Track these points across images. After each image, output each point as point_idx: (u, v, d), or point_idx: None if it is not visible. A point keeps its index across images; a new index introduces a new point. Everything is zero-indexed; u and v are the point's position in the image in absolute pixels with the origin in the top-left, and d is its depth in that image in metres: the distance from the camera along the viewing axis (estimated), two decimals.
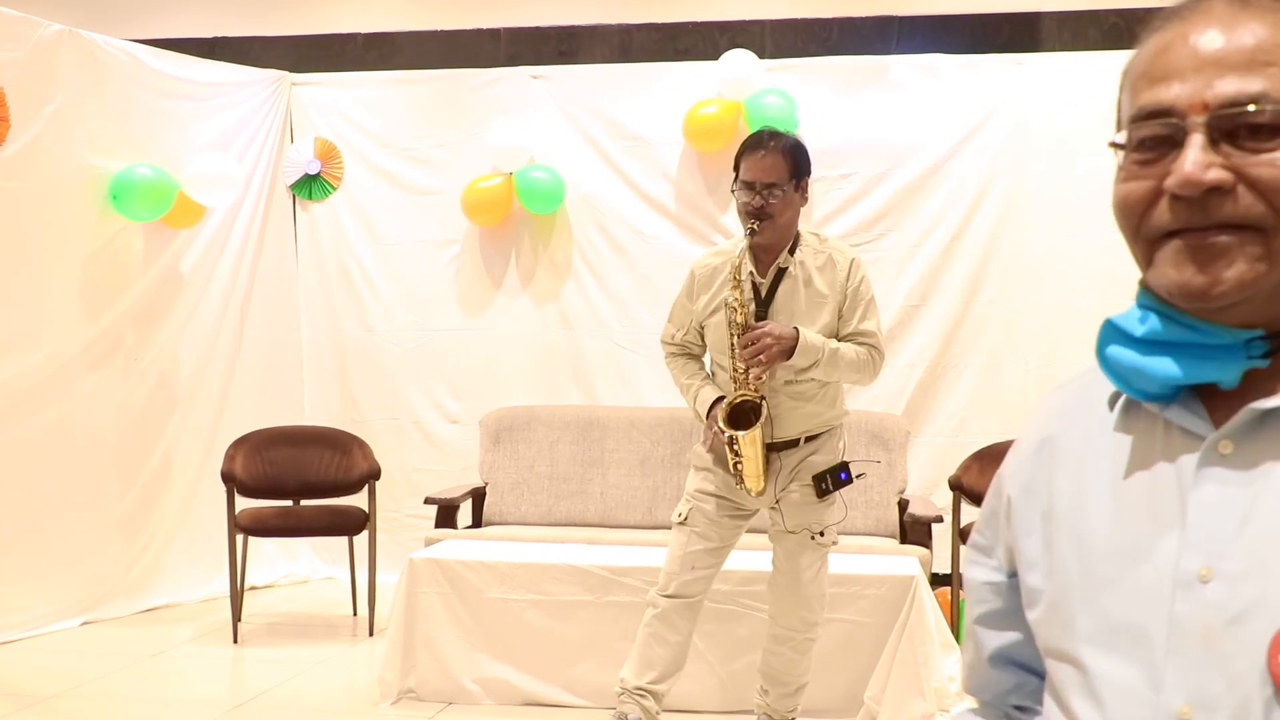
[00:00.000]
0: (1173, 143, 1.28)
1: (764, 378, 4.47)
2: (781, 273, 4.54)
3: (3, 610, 6.39)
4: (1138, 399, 1.37)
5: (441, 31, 8.14)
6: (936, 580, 6.25)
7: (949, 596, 6.25)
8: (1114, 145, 1.37)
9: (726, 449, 4.57)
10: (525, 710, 5.45)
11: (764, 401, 4.50)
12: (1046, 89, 7.31)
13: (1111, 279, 7.16)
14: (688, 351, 4.78)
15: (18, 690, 5.51)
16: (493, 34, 8.09)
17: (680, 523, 4.71)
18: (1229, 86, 1.26)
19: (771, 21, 7.78)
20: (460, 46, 8.12)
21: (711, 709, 5.32)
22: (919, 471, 7.19)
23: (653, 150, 7.69)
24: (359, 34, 8.24)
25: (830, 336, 4.54)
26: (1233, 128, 1.25)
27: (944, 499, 6.69)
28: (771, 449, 4.59)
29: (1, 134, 6.38)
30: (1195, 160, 1.25)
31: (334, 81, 8.10)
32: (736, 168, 4.56)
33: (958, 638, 5.89)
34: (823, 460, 4.63)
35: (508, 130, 7.71)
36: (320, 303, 8.08)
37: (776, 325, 4.42)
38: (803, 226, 4.66)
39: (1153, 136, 1.31)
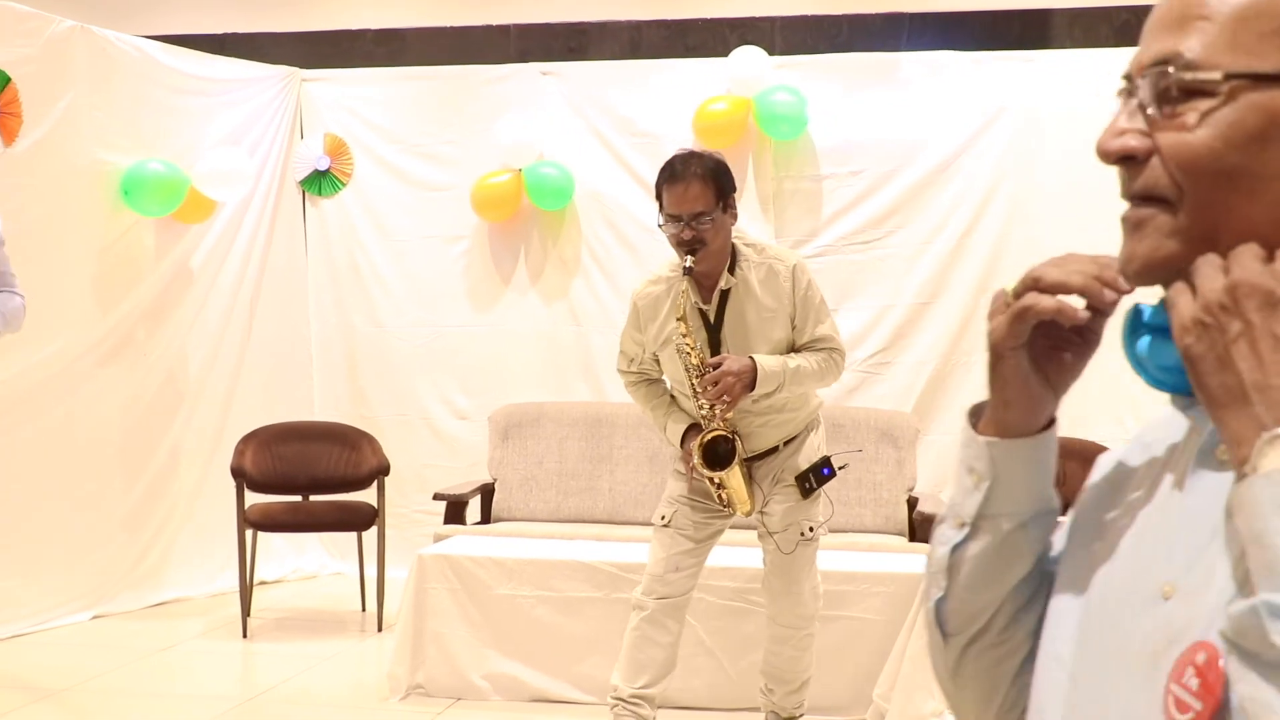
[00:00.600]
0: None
1: (729, 415, 4.51)
2: (725, 295, 4.51)
3: (12, 604, 6.40)
4: (1164, 390, 1.29)
5: (451, 28, 8.15)
6: None
7: None
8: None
9: (709, 485, 4.62)
10: (533, 706, 5.46)
11: (736, 436, 4.55)
12: (1057, 86, 7.30)
13: None
14: (646, 377, 4.80)
15: (28, 684, 5.52)
16: (502, 30, 8.09)
17: (664, 525, 4.71)
18: (1156, 46, 1.20)
19: (781, 18, 7.77)
20: (470, 43, 8.12)
21: (720, 706, 5.32)
22: (928, 469, 7.18)
23: (662, 147, 7.63)
24: (369, 30, 8.24)
25: (787, 348, 4.54)
26: (1162, 91, 1.17)
27: None
28: (750, 462, 4.64)
29: (14, 129, 6.40)
30: (1110, 127, 1.19)
31: (344, 78, 8.11)
32: (659, 198, 4.49)
33: None
34: (803, 460, 4.67)
35: (517, 126, 7.72)
36: (329, 299, 8.08)
37: (733, 360, 4.40)
38: (737, 239, 4.57)
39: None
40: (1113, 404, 7.25)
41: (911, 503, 6.63)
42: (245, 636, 6.53)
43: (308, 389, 8.06)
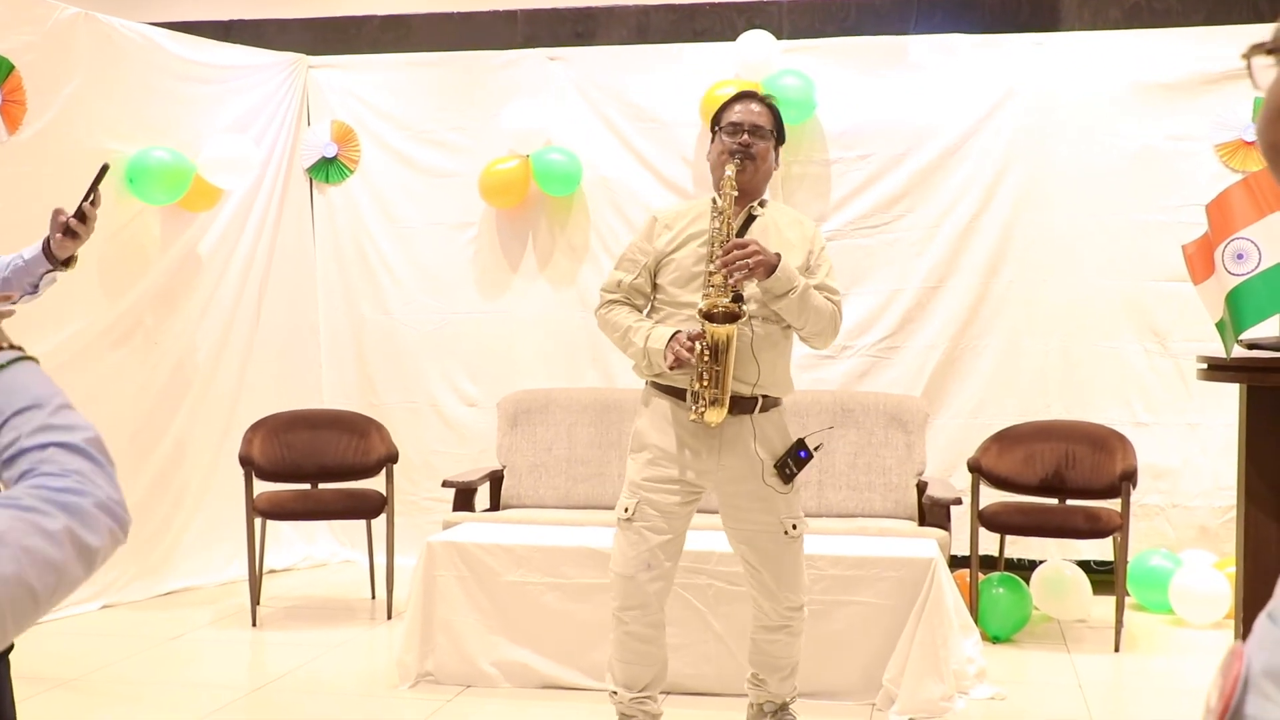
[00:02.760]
0: None
1: (741, 286, 4.38)
2: (751, 219, 4.58)
3: None
4: None
5: (458, 13, 8.14)
6: (955, 562, 6.25)
7: (967, 579, 6.25)
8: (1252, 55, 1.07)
9: (697, 360, 4.36)
10: (543, 693, 5.46)
11: (743, 306, 4.38)
12: (1067, 69, 7.29)
13: (1132, 259, 7.19)
14: (630, 301, 4.64)
15: (38, 673, 5.53)
16: (509, 15, 8.08)
17: (627, 519, 4.50)
18: None
19: (789, 2, 7.76)
20: (476, 28, 8.11)
21: (730, 691, 5.30)
22: (937, 453, 7.19)
23: (670, 132, 7.68)
24: (375, 16, 8.24)
25: None
26: None
27: (963, 481, 6.69)
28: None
29: (18, 117, 6.40)
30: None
31: (350, 64, 8.11)
32: (717, 120, 4.62)
33: (976, 620, 5.90)
34: (778, 440, 4.52)
35: (524, 112, 7.71)
36: (337, 286, 8.09)
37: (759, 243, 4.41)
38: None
39: None
40: (1121, 388, 7.26)
41: (921, 487, 6.63)
42: (255, 625, 6.55)
43: (316, 377, 8.07)
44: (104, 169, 4.32)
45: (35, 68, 6.46)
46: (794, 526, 4.52)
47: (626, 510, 4.51)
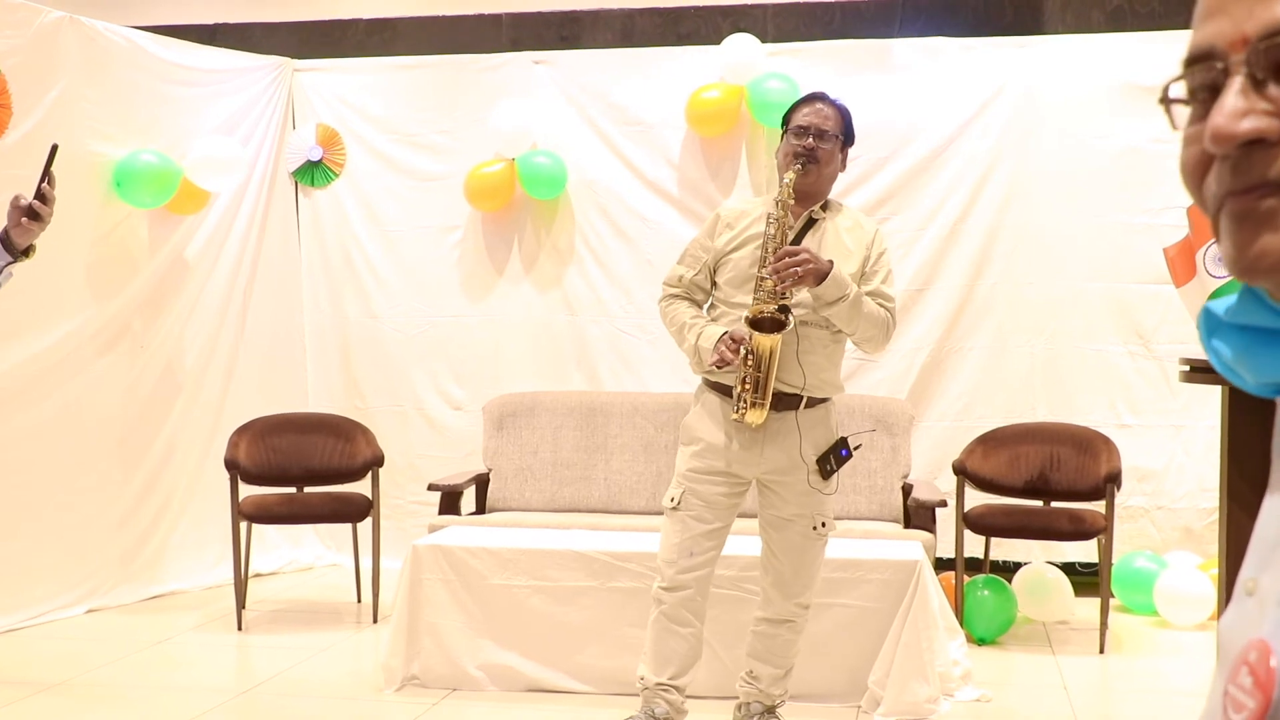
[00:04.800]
0: (1219, 91, 1.03)
1: (790, 293, 4.43)
2: (811, 223, 4.60)
3: (7, 597, 6.40)
4: (1256, 394, 1.14)
5: (443, 17, 8.14)
6: (940, 565, 6.26)
7: (952, 581, 6.26)
8: (1165, 102, 1.11)
9: (740, 364, 4.45)
10: (529, 696, 5.45)
11: (789, 316, 4.43)
12: (1050, 72, 7.31)
13: (1116, 261, 7.21)
14: (690, 296, 4.71)
15: (23, 678, 5.53)
16: (494, 19, 8.08)
17: (673, 508, 4.62)
18: (1270, 11, 1.00)
19: (774, 5, 7.76)
20: (462, 32, 8.11)
21: (716, 694, 5.31)
22: (923, 455, 7.19)
23: (655, 135, 7.68)
24: (361, 20, 8.23)
25: None
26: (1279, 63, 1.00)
27: (948, 483, 6.70)
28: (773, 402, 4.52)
29: (3, 121, 6.38)
30: (1228, 108, 1.00)
31: (336, 67, 8.10)
32: (786, 122, 4.64)
33: (962, 622, 5.91)
34: (823, 436, 4.59)
35: (510, 116, 7.70)
36: (323, 289, 8.08)
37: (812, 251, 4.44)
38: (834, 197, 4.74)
39: (1201, 86, 1.06)
40: (1106, 390, 7.27)
41: (906, 489, 6.64)
42: (240, 629, 6.53)
43: (302, 380, 8.05)
44: (54, 149, 4.32)
45: (20, 71, 6.45)
46: (823, 524, 4.63)
47: (673, 500, 4.62)
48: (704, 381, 4.68)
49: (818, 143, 4.55)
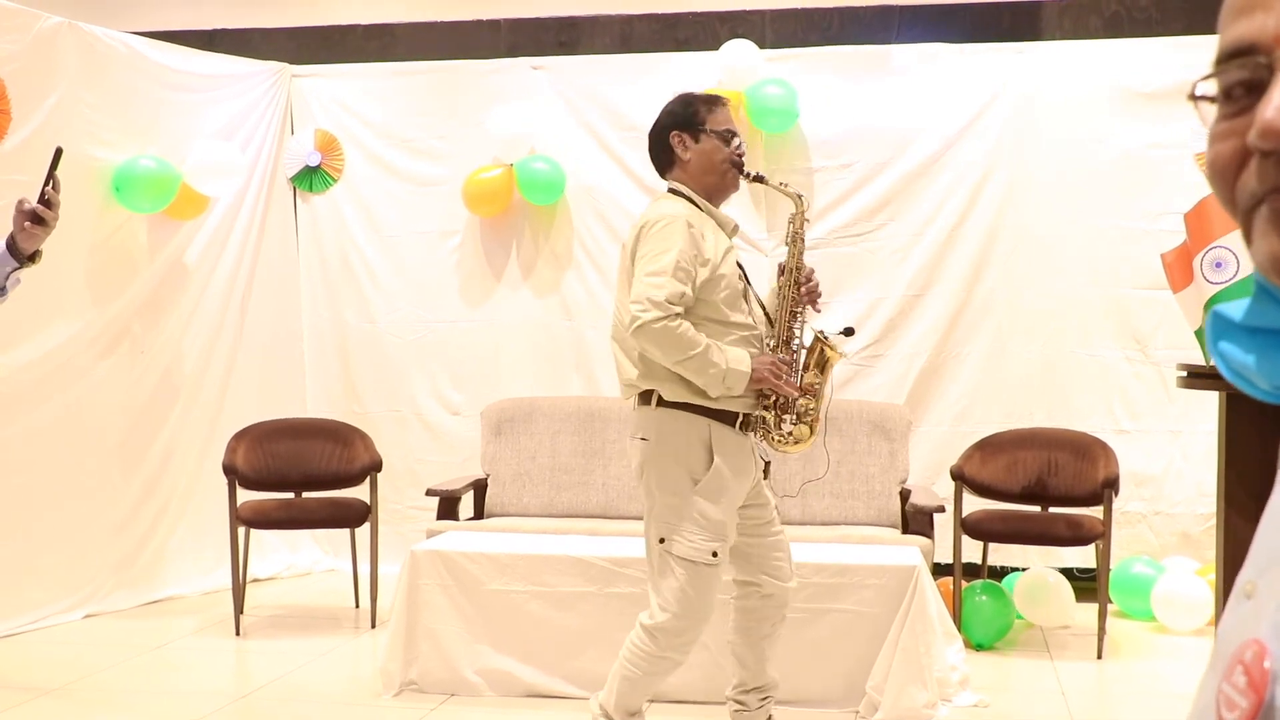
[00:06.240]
0: (1262, 87, 1.01)
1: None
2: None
3: (6, 601, 6.40)
4: (1266, 400, 1.12)
5: (441, 22, 8.14)
6: (938, 570, 6.26)
7: (950, 586, 6.26)
8: (1194, 99, 1.08)
9: (799, 382, 4.43)
10: (527, 701, 5.45)
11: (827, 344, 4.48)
12: (1048, 77, 7.32)
13: (1114, 266, 7.22)
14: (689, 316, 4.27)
15: (22, 683, 5.52)
16: (493, 25, 8.09)
17: (714, 564, 4.31)
18: None
19: (772, 11, 7.77)
20: (460, 37, 8.11)
21: (715, 700, 5.30)
22: (920, 460, 7.19)
23: None
24: (359, 25, 8.23)
25: None
26: None
27: (946, 488, 6.70)
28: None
29: (3, 126, 6.38)
30: (1278, 103, 0.97)
31: (334, 73, 8.10)
32: (704, 115, 4.53)
33: (960, 627, 5.91)
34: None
35: (508, 121, 7.70)
36: (322, 294, 8.07)
37: None
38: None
39: (1239, 82, 1.03)
40: (1104, 396, 7.28)
41: (904, 495, 6.64)
42: (239, 634, 6.52)
43: (300, 385, 8.05)
44: (58, 152, 4.30)
45: (19, 77, 6.44)
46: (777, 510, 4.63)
47: (715, 555, 4.30)
48: (689, 409, 4.32)
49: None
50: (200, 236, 7.53)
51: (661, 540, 4.37)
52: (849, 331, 4.54)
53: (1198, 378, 4.59)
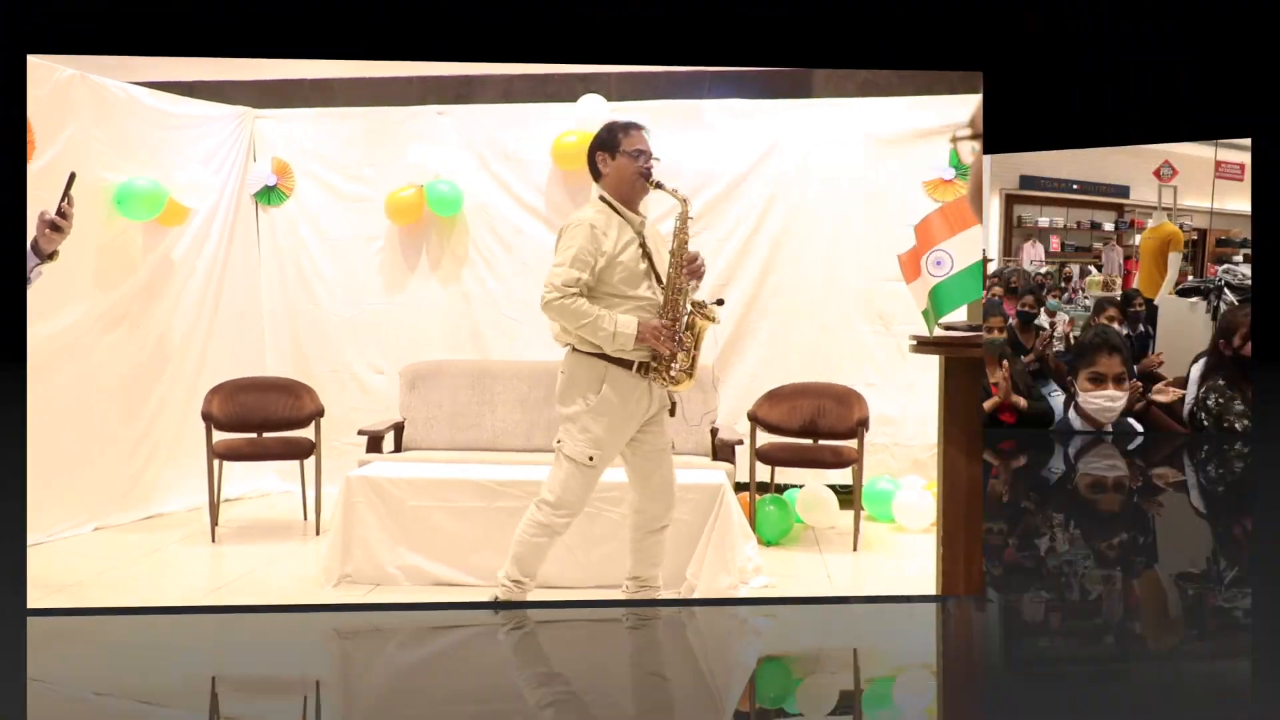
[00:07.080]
0: None
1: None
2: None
3: (32, 519, 6.18)
4: None
5: (370, 78, 7.98)
6: (739, 487, 6.30)
7: (748, 499, 6.31)
8: (954, 140, 0.95)
9: (681, 342, 4.49)
10: (435, 589, 5.42)
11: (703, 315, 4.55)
12: (817, 127, 7.40)
13: (864, 266, 7.33)
14: (587, 294, 4.45)
15: (45, 581, 5.36)
16: (408, 80, 7.94)
17: (590, 466, 4.47)
18: None
19: (617, 73, 7.73)
20: (384, 89, 7.96)
21: (576, 584, 5.30)
22: (726, 406, 7.23)
23: (529, 169, 7.62)
24: (306, 79, 8.04)
25: None
26: None
27: (744, 427, 6.75)
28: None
29: (29, 155, 6.16)
30: None
31: (288, 116, 7.89)
32: (620, 138, 4.64)
33: (754, 529, 5.96)
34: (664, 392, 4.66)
35: (419, 153, 7.60)
36: (278, 284, 7.88)
37: None
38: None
39: None
40: (858, 359, 7.37)
41: (714, 432, 6.68)
42: (214, 542, 6.38)
43: (261, 352, 7.86)
44: (72, 176, 4.20)
45: (41, 115, 6.21)
46: (672, 445, 4.72)
47: (591, 459, 4.47)
48: (598, 358, 4.48)
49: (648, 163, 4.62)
50: (184, 240, 7.31)
51: (559, 441, 4.54)
52: (720, 302, 4.59)
53: (924, 345, 4.68)
